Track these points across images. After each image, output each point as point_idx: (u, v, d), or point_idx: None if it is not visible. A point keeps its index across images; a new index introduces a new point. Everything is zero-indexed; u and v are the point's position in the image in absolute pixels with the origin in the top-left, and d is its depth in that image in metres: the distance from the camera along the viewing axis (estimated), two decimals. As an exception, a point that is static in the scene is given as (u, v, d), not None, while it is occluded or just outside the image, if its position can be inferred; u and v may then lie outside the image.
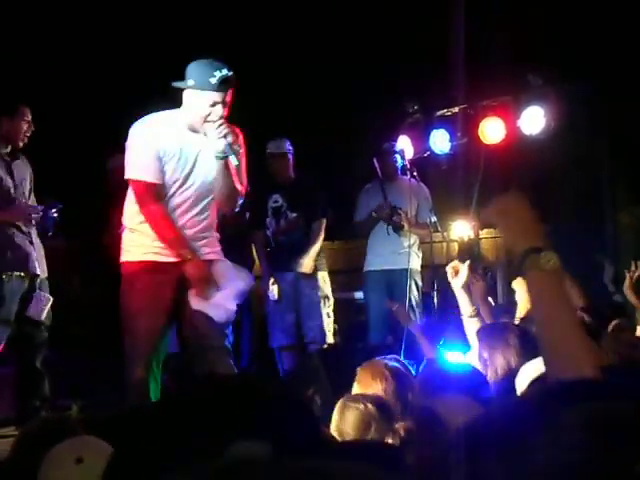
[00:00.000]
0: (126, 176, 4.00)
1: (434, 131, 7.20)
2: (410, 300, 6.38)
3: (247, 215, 6.24)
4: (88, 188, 6.43)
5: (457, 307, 4.53)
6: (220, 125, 3.87)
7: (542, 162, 7.22)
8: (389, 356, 3.28)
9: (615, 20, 6.81)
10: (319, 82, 7.39)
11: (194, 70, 3.92)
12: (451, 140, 7.20)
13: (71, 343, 5.44)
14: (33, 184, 5.19)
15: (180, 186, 4.00)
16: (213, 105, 3.88)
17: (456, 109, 7.21)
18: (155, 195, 3.95)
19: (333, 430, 2.62)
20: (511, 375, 2.77)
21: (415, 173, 6.69)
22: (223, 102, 3.89)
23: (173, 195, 4.01)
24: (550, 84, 6.69)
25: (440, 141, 7.21)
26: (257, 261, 6.70)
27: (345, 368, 3.12)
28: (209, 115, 3.90)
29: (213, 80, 3.85)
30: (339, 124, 7.54)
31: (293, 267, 6.20)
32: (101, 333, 6.14)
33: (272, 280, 6.30)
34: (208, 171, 4.02)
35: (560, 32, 7.01)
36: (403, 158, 6.78)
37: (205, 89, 3.86)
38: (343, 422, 2.63)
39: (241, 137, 4.06)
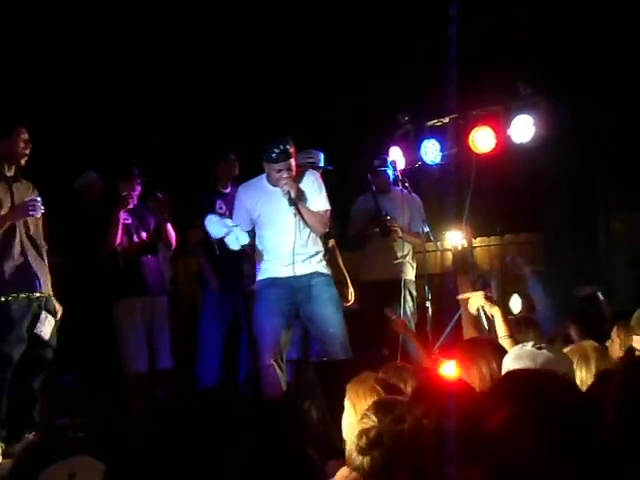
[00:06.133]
0: None
1: (425, 141, 7.21)
2: (405, 310, 6.38)
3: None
4: (61, 208, 6.42)
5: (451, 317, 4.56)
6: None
7: (533, 170, 7.25)
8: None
9: (605, 28, 6.85)
10: (312, 97, 7.42)
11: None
12: (442, 150, 7.21)
13: (63, 361, 5.42)
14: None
15: None
16: None
17: (446, 119, 7.23)
18: None
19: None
20: None
21: (407, 184, 6.72)
22: None
23: None
24: (540, 93, 6.71)
25: (431, 151, 7.22)
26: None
27: (341, 381, 3.10)
28: None
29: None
30: (332, 135, 7.57)
31: None
32: (91, 351, 6.13)
33: None
34: None
35: (550, 41, 7.05)
36: (395, 169, 6.80)
37: None
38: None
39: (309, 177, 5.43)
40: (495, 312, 3.71)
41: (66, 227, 6.15)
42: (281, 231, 5.38)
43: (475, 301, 4.05)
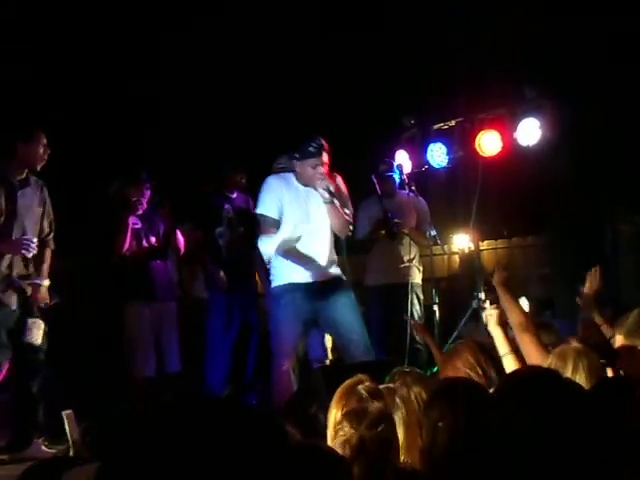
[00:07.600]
0: None
1: (431, 145, 7.23)
2: (412, 314, 6.39)
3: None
4: (89, 213, 6.47)
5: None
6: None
7: (539, 173, 7.25)
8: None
9: (610, 30, 6.85)
10: (318, 100, 7.44)
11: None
12: (448, 153, 7.22)
13: (72, 363, 5.45)
14: (46, 209, 5.21)
15: None
16: None
17: (453, 122, 7.24)
18: None
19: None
20: None
21: (413, 187, 6.73)
22: None
23: None
24: (545, 96, 6.72)
25: (438, 155, 7.23)
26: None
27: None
28: None
29: None
30: (338, 139, 7.59)
31: None
32: (99, 354, 6.17)
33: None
34: None
35: (554, 43, 7.06)
36: (401, 173, 6.81)
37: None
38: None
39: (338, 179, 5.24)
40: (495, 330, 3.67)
41: (87, 231, 6.21)
42: (309, 234, 5.18)
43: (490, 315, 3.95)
